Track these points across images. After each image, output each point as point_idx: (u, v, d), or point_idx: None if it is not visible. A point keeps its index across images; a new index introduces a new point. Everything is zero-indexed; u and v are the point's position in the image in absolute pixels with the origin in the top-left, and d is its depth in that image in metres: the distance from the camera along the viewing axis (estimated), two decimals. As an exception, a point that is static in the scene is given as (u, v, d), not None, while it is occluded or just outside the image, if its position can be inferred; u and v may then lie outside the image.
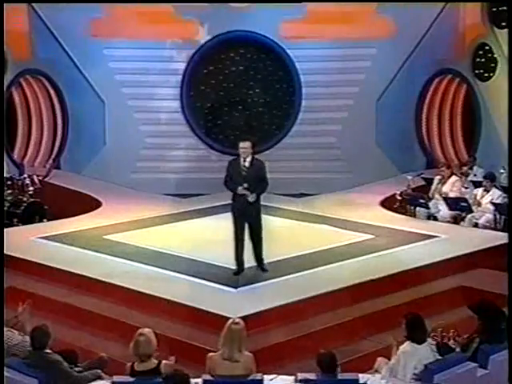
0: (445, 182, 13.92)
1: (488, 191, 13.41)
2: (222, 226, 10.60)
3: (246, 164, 10.19)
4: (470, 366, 7.00)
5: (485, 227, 13.02)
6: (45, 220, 14.04)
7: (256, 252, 10.39)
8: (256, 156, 10.44)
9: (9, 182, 14.39)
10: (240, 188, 10.09)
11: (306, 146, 17.79)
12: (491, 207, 13.14)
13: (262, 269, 10.41)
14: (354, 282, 10.06)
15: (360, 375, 6.90)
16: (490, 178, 13.62)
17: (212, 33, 17.55)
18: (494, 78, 16.85)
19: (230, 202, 10.46)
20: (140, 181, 17.04)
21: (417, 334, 7.00)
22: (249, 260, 10.45)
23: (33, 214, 13.99)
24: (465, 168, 15.64)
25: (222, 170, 10.60)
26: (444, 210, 13.57)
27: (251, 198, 10.14)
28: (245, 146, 10.16)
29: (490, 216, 13.12)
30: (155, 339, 6.84)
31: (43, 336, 6.98)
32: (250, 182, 10.15)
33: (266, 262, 10.50)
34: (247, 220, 10.28)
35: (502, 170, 14.93)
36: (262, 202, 10.42)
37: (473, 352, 7.19)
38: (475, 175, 15.21)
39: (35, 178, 14.77)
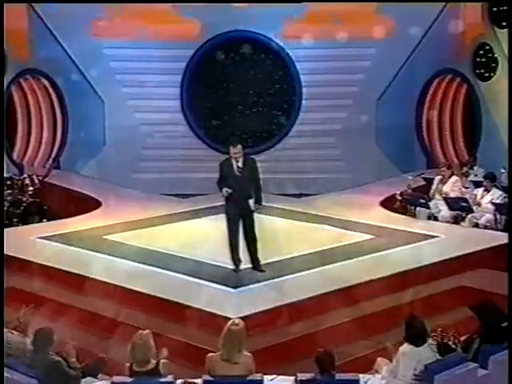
0: (445, 182, 13.88)
1: (488, 191, 13.39)
2: (222, 226, 10.57)
3: (240, 165, 10.15)
4: (470, 367, 6.99)
5: (485, 227, 13.01)
6: (45, 220, 14.04)
7: (251, 252, 10.34)
8: (252, 156, 10.48)
9: (9, 182, 14.40)
10: (224, 190, 10.06)
11: (306, 146, 17.78)
12: (491, 207, 13.13)
13: (258, 270, 10.34)
14: (354, 282, 10.05)
15: (360, 375, 6.90)
16: (491, 178, 13.60)
17: (212, 33, 17.55)
18: (495, 78, 16.84)
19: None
20: (140, 181, 17.04)
21: (416, 337, 6.98)
22: (248, 260, 10.44)
23: (33, 214, 13.99)
24: (465, 168, 15.64)
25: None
26: (444, 210, 13.54)
27: (253, 206, 10.15)
28: (236, 151, 10.10)
29: (490, 216, 13.11)
30: (153, 342, 6.77)
31: (45, 339, 6.97)
32: (245, 181, 10.13)
33: (266, 262, 10.46)
34: (241, 220, 10.24)
35: (502, 170, 14.92)
36: (262, 203, 10.41)
37: (473, 352, 7.19)
38: (476, 175, 15.19)
39: (35, 177, 14.77)
